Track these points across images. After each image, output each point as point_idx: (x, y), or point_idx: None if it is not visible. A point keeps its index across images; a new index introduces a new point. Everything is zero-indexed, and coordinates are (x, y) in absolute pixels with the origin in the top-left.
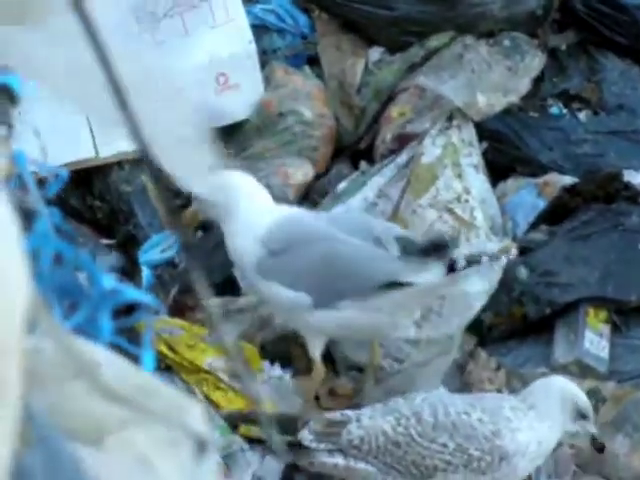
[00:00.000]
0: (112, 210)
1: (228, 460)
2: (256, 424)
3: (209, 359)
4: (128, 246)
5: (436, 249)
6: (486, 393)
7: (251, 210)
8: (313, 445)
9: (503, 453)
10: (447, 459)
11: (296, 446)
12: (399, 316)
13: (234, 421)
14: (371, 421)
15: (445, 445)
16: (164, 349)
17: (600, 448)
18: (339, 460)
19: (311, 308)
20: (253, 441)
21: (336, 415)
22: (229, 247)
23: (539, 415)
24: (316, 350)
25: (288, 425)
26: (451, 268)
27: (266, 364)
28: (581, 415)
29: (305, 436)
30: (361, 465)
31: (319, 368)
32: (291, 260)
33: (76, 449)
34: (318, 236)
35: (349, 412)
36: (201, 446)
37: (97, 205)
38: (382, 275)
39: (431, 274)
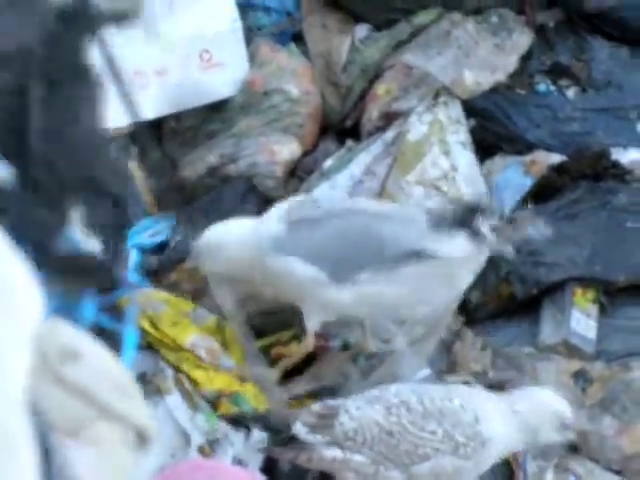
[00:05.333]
0: None
1: (212, 444)
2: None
3: (191, 337)
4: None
5: (466, 217)
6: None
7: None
8: (310, 438)
9: (483, 439)
10: (437, 446)
11: (292, 441)
12: (422, 290)
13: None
14: (360, 411)
15: (434, 432)
16: (147, 326)
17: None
18: (337, 453)
19: (328, 282)
20: (237, 422)
21: (323, 406)
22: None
23: (521, 425)
24: (314, 324)
25: (279, 422)
26: (474, 237)
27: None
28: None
29: (300, 429)
30: (357, 457)
31: (310, 340)
32: (311, 232)
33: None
34: (343, 210)
35: (331, 402)
36: (142, 440)
37: None
38: (406, 244)
39: (456, 245)
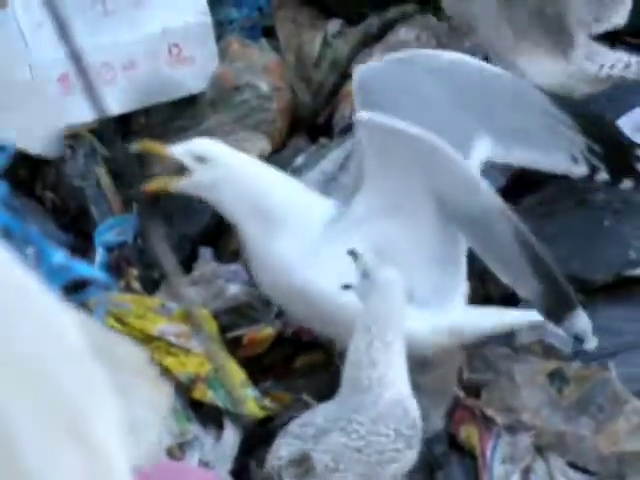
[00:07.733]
0: (64, 203)
1: (182, 446)
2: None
3: (160, 326)
4: (81, 224)
5: None
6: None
7: None
8: None
9: (418, 429)
10: (395, 447)
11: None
12: None
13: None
14: (325, 443)
15: (388, 435)
16: (112, 322)
17: None
18: None
19: None
20: (209, 418)
21: (289, 454)
22: None
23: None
24: None
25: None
26: None
27: None
28: None
29: None
30: None
31: None
32: None
33: None
34: None
35: (294, 446)
36: None
37: (48, 196)
38: None
39: None
